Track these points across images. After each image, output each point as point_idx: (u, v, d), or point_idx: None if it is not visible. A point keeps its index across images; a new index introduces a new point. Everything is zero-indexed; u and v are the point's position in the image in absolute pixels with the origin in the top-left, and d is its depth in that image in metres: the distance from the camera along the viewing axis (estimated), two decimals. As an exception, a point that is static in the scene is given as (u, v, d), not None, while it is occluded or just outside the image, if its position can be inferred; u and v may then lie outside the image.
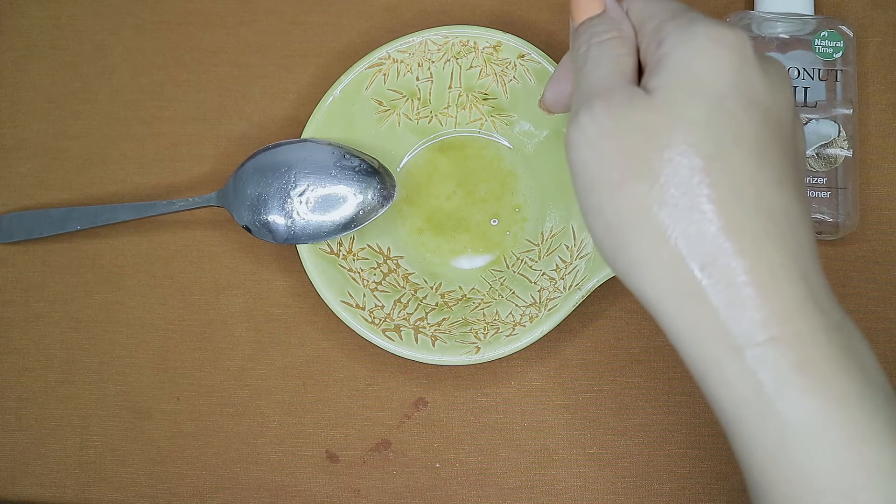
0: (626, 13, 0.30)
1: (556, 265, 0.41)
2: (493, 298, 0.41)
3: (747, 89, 0.26)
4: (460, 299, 0.41)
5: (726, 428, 0.27)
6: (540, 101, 0.37)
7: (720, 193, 0.25)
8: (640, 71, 0.29)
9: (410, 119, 0.43)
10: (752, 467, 0.26)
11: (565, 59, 0.34)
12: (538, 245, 0.42)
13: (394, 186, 0.41)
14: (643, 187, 0.26)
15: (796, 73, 0.41)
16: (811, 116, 0.41)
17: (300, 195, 0.40)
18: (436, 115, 0.43)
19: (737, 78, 0.26)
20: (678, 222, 0.26)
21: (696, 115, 0.26)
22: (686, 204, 0.26)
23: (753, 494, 0.27)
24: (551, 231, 0.42)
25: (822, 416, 0.25)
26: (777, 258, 0.25)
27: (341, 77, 0.42)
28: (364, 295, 0.41)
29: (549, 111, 0.37)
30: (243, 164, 0.41)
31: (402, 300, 0.41)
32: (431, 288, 0.42)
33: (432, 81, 0.43)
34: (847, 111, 0.41)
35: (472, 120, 0.43)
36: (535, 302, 0.40)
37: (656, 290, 0.26)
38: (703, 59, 0.26)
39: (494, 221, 0.43)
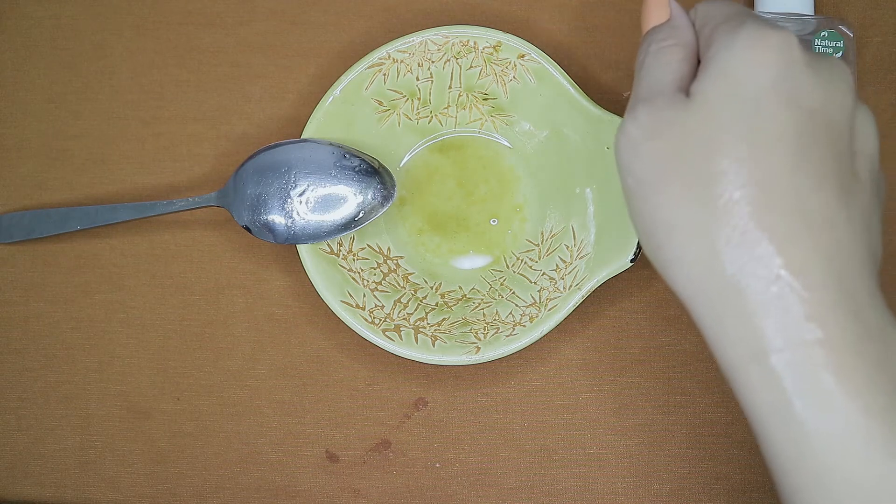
0: (694, 20, 0.30)
1: (556, 265, 0.41)
2: (493, 298, 0.41)
3: (790, 89, 0.26)
4: (460, 299, 0.41)
5: (755, 432, 0.27)
6: None
7: (751, 194, 0.26)
8: None
9: (410, 119, 0.43)
10: (776, 471, 0.26)
11: None
12: (538, 245, 0.42)
13: (394, 186, 0.41)
14: (679, 188, 0.27)
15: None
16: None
17: (300, 195, 0.40)
18: (436, 115, 0.43)
19: (776, 78, 0.26)
20: (710, 221, 0.26)
21: (730, 117, 0.26)
22: (718, 204, 0.26)
23: (781, 498, 0.27)
24: (551, 231, 0.42)
25: (843, 427, 0.24)
26: (807, 260, 0.25)
27: (341, 77, 0.42)
28: (364, 295, 0.41)
29: None
30: (243, 164, 0.41)
31: (402, 300, 0.41)
32: (431, 288, 0.42)
33: (432, 81, 0.42)
34: (847, 111, 0.41)
35: (472, 120, 0.43)
36: (535, 302, 0.40)
37: (690, 288, 0.27)
38: (742, 61, 0.26)
39: (494, 221, 0.43)
